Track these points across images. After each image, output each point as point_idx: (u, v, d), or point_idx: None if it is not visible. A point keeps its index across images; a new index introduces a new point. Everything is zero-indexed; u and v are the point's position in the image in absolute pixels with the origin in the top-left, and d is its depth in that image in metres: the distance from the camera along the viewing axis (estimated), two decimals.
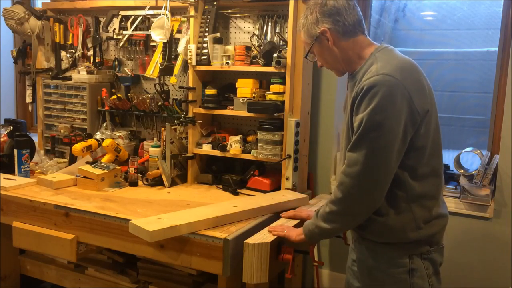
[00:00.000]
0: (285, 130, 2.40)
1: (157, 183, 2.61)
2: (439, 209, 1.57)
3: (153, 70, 2.79)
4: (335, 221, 1.56)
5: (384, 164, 1.43)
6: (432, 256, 1.57)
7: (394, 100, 1.40)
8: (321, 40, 1.59)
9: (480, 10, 2.64)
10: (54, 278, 2.63)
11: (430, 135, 1.50)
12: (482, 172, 2.33)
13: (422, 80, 1.50)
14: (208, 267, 1.87)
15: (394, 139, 1.41)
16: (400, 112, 1.41)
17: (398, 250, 1.54)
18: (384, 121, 1.40)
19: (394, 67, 1.45)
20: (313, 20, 1.59)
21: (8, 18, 3.03)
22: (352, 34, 1.57)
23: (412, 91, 1.43)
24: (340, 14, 1.55)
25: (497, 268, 2.37)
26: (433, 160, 1.53)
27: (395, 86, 1.40)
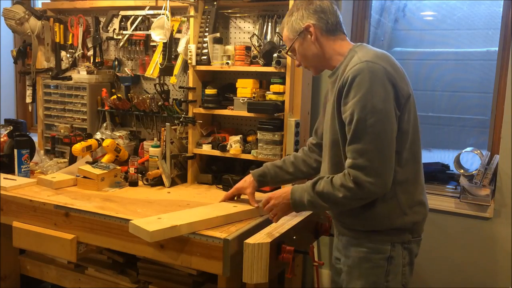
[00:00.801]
0: (285, 130, 2.40)
1: (157, 183, 2.61)
2: (421, 196, 1.62)
3: (153, 70, 2.79)
4: (341, 204, 1.57)
5: (389, 146, 1.47)
6: (411, 246, 1.62)
7: (382, 83, 1.45)
8: (304, 36, 1.66)
9: (480, 10, 2.64)
10: (54, 278, 2.63)
11: (411, 121, 1.54)
12: (482, 172, 2.33)
13: (401, 70, 1.56)
14: (208, 267, 1.87)
15: (390, 120, 1.46)
16: (389, 95, 1.46)
17: (382, 238, 1.59)
18: (378, 104, 1.44)
19: (374, 55, 1.51)
20: (298, 16, 1.66)
21: (8, 18, 3.03)
22: (333, 32, 1.65)
23: (395, 75, 1.49)
24: (325, 12, 1.64)
25: (497, 268, 2.37)
26: (414, 146, 1.57)
27: (379, 70, 1.46)
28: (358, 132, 1.46)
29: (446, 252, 2.48)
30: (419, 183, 1.62)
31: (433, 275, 2.53)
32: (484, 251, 2.40)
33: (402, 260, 1.60)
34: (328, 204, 1.58)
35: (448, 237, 2.46)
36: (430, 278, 2.53)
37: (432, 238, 2.48)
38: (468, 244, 2.43)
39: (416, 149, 1.58)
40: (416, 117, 1.59)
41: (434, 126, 2.80)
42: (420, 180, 1.63)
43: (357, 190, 1.48)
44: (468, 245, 2.43)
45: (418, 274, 2.53)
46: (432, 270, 2.53)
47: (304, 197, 1.63)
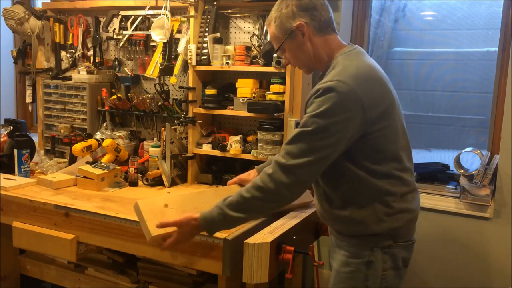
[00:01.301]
0: (285, 130, 2.40)
1: (157, 183, 2.61)
2: (404, 203, 1.55)
3: (153, 70, 2.79)
4: (251, 209, 1.51)
5: (321, 165, 1.44)
6: (394, 251, 1.56)
7: (345, 106, 1.40)
8: (295, 35, 1.55)
9: (480, 10, 2.64)
10: (54, 278, 2.63)
11: (388, 139, 1.50)
12: (482, 172, 2.33)
13: (378, 87, 1.49)
14: (208, 267, 1.87)
15: (337, 143, 1.42)
16: (349, 118, 1.40)
17: (361, 243, 1.56)
18: (331, 127, 1.40)
19: (349, 74, 1.44)
20: (288, 13, 1.54)
21: (8, 18, 3.03)
22: (325, 31, 1.56)
23: (364, 98, 1.42)
24: (317, 9, 1.54)
25: (497, 268, 2.37)
26: (393, 162, 1.52)
27: (347, 93, 1.40)
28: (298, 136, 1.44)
29: (446, 252, 2.48)
30: (401, 194, 1.54)
31: (433, 275, 2.53)
32: (484, 251, 2.40)
33: (383, 265, 1.55)
34: (238, 208, 1.50)
35: (448, 237, 2.46)
36: (430, 278, 2.53)
37: (432, 238, 2.48)
38: (468, 244, 2.43)
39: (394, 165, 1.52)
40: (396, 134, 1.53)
41: (434, 126, 2.80)
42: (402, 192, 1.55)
43: (270, 189, 1.45)
44: (468, 245, 2.43)
45: (418, 274, 2.53)
46: (432, 270, 2.53)
47: (213, 214, 1.54)
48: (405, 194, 1.56)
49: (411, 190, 1.59)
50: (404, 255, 1.59)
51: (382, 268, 1.55)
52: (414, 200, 1.61)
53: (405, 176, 1.56)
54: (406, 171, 1.57)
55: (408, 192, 1.57)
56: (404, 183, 1.55)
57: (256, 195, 1.48)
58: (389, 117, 1.50)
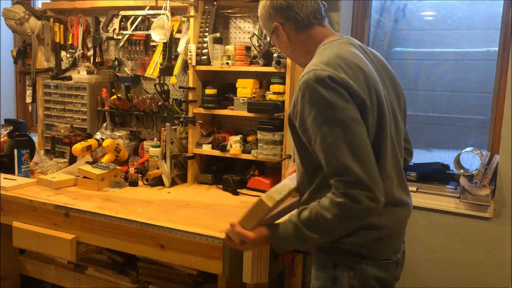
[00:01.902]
0: (285, 130, 2.40)
1: (157, 183, 2.61)
2: (370, 219, 1.36)
3: (153, 70, 2.79)
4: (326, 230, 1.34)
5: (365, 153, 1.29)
6: (361, 267, 1.42)
7: (334, 89, 1.28)
8: (276, 34, 1.52)
9: (480, 10, 2.64)
10: (54, 278, 2.63)
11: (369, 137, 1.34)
12: (482, 172, 2.33)
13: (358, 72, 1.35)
14: (208, 267, 1.87)
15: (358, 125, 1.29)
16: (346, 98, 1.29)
17: (324, 255, 1.46)
18: (338, 114, 1.28)
19: (324, 60, 1.34)
20: (266, 14, 1.52)
21: (8, 18, 3.03)
22: (306, 27, 1.48)
23: (346, 78, 1.30)
24: (292, 8, 1.46)
25: (497, 268, 2.37)
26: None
27: (327, 77, 1.28)
28: (326, 151, 1.29)
29: (446, 252, 2.48)
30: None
31: (433, 275, 2.53)
32: (484, 251, 2.40)
33: (350, 281, 1.42)
34: (315, 232, 1.34)
35: (448, 237, 2.46)
36: (430, 278, 2.53)
37: (432, 238, 2.48)
38: (468, 244, 2.43)
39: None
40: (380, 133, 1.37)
41: (434, 126, 2.80)
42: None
43: (351, 204, 1.27)
44: (468, 245, 2.43)
45: (418, 274, 2.53)
46: (432, 270, 2.53)
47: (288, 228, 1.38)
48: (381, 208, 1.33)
49: (390, 204, 1.39)
50: (378, 274, 1.43)
51: (349, 284, 1.42)
52: (390, 215, 1.42)
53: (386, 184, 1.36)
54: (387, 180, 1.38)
55: (386, 206, 1.35)
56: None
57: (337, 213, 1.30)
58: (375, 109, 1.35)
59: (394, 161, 1.44)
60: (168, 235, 1.93)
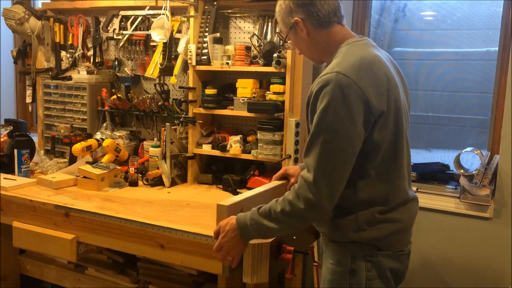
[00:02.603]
0: (285, 130, 2.40)
1: (157, 183, 2.61)
2: (389, 215, 1.47)
3: (153, 70, 2.79)
4: (282, 221, 1.45)
5: (339, 167, 1.36)
6: (379, 260, 1.48)
7: (347, 100, 1.32)
8: (295, 30, 1.54)
9: (480, 10, 2.64)
10: (54, 278, 2.63)
11: (386, 139, 1.42)
12: (482, 172, 2.33)
13: (383, 79, 1.41)
14: (208, 267, 1.87)
15: (349, 142, 1.35)
16: (353, 113, 1.33)
17: (342, 249, 1.51)
18: (335, 123, 1.33)
19: (350, 64, 1.38)
20: (286, 9, 1.53)
21: (8, 18, 3.03)
22: (326, 25, 1.51)
23: (368, 90, 1.35)
24: (313, 4, 1.49)
25: (497, 268, 2.37)
26: (387, 166, 1.44)
27: (347, 86, 1.33)
28: (310, 146, 1.39)
29: (446, 252, 2.48)
30: (390, 203, 1.47)
31: (433, 275, 2.53)
32: (484, 251, 2.40)
33: (367, 273, 1.48)
34: (270, 222, 1.45)
35: (448, 237, 2.46)
36: (430, 278, 2.53)
37: (432, 238, 2.48)
38: (468, 244, 2.43)
39: (389, 169, 1.45)
40: (397, 134, 1.44)
41: (434, 126, 2.80)
42: (392, 202, 1.47)
43: (297, 206, 1.39)
44: (468, 245, 2.43)
45: (418, 274, 2.53)
46: (432, 270, 2.53)
47: (247, 218, 1.50)
48: (398, 205, 1.48)
49: (405, 201, 1.51)
50: (393, 266, 1.51)
51: (367, 277, 1.49)
52: (408, 211, 1.52)
53: (401, 184, 1.48)
54: (403, 180, 1.49)
55: (402, 203, 1.49)
56: (398, 192, 1.48)
57: (286, 210, 1.42)
58: (391, 114, 1.42)
59: (408, 161, 1.53)
60: (168, 235, 1.93)
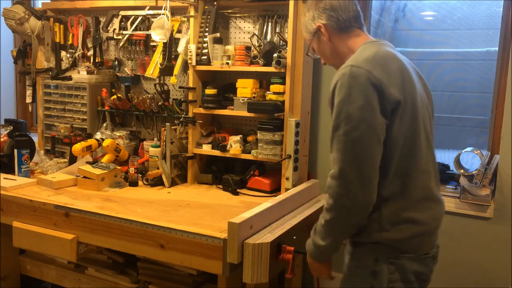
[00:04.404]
0: (285, 130, 2.40)
1: (157, 183, 2.61)
2: (411, 213, 1.46)
3: (153, 70, 2.79)
4: (329, 232, 1.48)
5: (365, 155, 1.36)
6: (402, 262, 1.48)
7: (363, 89, 1.35)
8: (318, 36, 1.62)
9: (480, 10, 2.64)
10: (54, 278, 2.63)
11: (403, 132, 1.42)
12: (482, 172, 2.33)
13: (396, 71, 1.43)
14: (208, 267, 1.87)
15: (371, 129, 1.35)
16: (370, 101, 1.35)
17: (365, 250, 1.51)
18: (354, 112, 1.35)
19: (364, 57, 1.42)
20: (310, 17, 1.62)
21: (8, 18, 3.03)
22: (347, 29, 1.59)
23: (382, 79, 1.37)
24: (335, 10, 1.57)
25: (497, 268, 2.37)
26: (405, 160, 1.43)
27: (361, 75, 1.36)
28: (332, 141, 1.41)
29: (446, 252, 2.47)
30: (412, 199, 1.46)
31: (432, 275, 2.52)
32: (484, 251, 2.40)
33: (389, 276, 1.48)
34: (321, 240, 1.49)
35: (448, 237, 2.46)
36: None
37: None
38: (468, 244, 2.43)
39: (407, 163, 1.44)
40: (415, 127, 1.44)
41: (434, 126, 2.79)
42: (412, 196, 1.46)
43: (332, 206, 1.41)
44: (468, 245, 2.43)
45: None
46: None
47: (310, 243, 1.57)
48: (418, 201, 1.46)
49: (426, 198, 1.48)
50: (417, 269, 1.50)
51: (389, 279, 1.48)
52: (429, 210, 1.49)
53: (421, 178, 1.47)
54: (423, 174, 1.47)
55: (423, 199, 1.47)
56: (417, 186, 1.46)
57: (327, 218, 1.45)
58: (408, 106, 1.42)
59: (430, 158, 1.52)
60: (168, 235, 1.93)
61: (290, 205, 2.21)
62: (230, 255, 1.76)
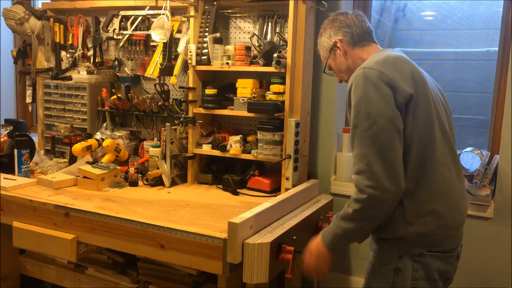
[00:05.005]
0: (285, 130, 2.40)
1: (157, 183, 2.61)
2: (435, 205, 1.49)
3: (153, 70, 2.79)
4: (359, 219, 1.49)
5: (391, 147, 1.42)
6: (426, 260, 1.51)
7: (376, 87, 1.44)
8: (334, 51, 1.74)
9: (480, 10, 2.64)
10: (54, 278, 2.63)
11: (418, 124, 1.47)
12: (482, 172, 2.33)
13: (407, 70, 1.50)
14: (208, 267, 1.87)
15: (389, 122, 1.42)
16: (385, 96, 1.43)
17: (390, 247, 1.54)
18: (371, 108, 1.43)
19: (375, 60, 1.51)
20: (326, 35, 1.76)
21: (8, 18, 3.03)
22: (360, 43, 1.71)
23: (394, 77, 1.45)
24: (349, 26, 1.71)
25: (497, 268, 2.37)
26: (425, 151, 1.48)
27: (374, 75, 1.45)
28: (354, 138, 1.47)
29: None
30: (433, 190, 1.49)
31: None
32: (484, 251, 2.40)
33: (413, 273, 1.51)
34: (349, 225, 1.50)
35: None
36: None
37: None
38: (468, 244, 2.42)
39: (427, 154, 1.48)
40: (430, 119, 1.50)
41: None
42: (435, 188, 1.49)
43: (362, 198, 1.44)
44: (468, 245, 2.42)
45: None
46: None
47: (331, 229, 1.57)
48: (439, 194, 1.49)
49: (447, 191, 1.51)
50: (440, 267, 1.53)
51: (412, 277, 1.51)
52: (451, 203, 1.51)
53: (440, 170, 1.49)
54: (440, 165, 1.50)
55: (444, 192, 1.50)
56: (437, 178, 1.49)
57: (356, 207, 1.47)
58: (421, 100, 1.48)
59: (448, 150, 1.54)
60: (168, 235, 1.93)
61: (290, 205, 2.21)
62: (230, 255, 1.76)
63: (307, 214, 2.16)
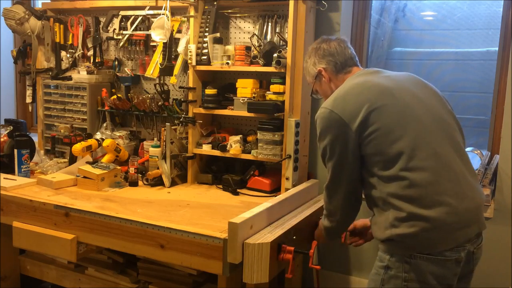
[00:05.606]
0: (285, 130, 2.40)
1: (157, 183, 2.61)
2: (421, 211, 1.48)
3: (153, 70, 2.79)
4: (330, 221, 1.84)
5: (340, 175, 1.67)
6: (417, 262, 1.51)
7: (330, 126, 1.62)
8: (319, 78, 1.86)
9: (480, 10, 2.64)
10: (54, 278, 2.63)
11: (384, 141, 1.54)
12: (482, 172, 2.33)
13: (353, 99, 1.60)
14: (208, 267, 1.87)
15: (341, 156, 1.62)
16: (337, 135, 1.61)
17: (383, 247, 1.60)
18: (327, 145, 1.64)
19: (333, 97, 1.66)
20: (311, 62, 1.87)
21: (8, 18, 3.03)
22: (342, 69, 1.82)
23: (344, 114, 1.58)
24: (332, 55, 1.82)
25: (497, 268, 2.37)
26: (398, 163, 1.51)
27: (327, 115, 1.62)
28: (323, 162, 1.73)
29: None
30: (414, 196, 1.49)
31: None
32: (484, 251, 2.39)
33: (404, 275, 1.53)
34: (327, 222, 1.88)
35: None
36: None
37: None
38: None
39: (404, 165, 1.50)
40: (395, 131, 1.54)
41: None
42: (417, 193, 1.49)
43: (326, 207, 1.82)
44: None
45: None
46: None
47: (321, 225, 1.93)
48: (421, 197, 1.49)
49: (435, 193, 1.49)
50: (435, 271, 1.51)
51: (403, 278, 1.53)
52: (442, 207, 1.49)
53: (417, 176, 1.49)
54: (419, 170, 1.50)
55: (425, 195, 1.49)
56: (414, 184, 1.49)
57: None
58: (378, 121, 1.55)
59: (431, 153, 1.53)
60: (168, 235, 1.93)
61: (290, 205, 2.21)
62: (230, 255, 1.77)
63: (307, 214, 2.15)
